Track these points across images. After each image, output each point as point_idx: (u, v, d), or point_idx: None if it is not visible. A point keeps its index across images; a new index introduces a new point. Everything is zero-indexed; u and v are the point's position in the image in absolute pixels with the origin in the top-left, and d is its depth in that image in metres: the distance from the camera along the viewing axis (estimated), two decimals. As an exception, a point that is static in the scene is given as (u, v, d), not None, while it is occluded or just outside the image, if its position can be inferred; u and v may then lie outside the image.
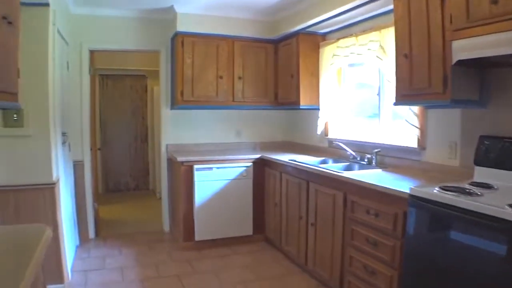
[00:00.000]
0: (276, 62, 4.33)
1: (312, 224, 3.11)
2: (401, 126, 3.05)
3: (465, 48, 2.00)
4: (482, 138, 2.28)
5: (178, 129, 4.43)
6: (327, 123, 4.01)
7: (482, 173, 2.24)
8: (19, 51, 1.72)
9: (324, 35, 3.96)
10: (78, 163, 4.02)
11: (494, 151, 2.18)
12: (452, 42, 2.07)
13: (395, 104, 2.58)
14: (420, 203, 2.00)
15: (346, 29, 3.61)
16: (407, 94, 2.45)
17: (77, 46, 3.99)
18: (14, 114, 2.66)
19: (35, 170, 2.72)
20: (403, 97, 2.49)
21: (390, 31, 2.82)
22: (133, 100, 6.72)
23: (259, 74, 4.30)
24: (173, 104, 4.24)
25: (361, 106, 3.75)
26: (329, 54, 3.74)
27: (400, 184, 2.31)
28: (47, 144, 2.77)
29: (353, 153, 3.44)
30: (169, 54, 4.35)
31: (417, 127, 2.82)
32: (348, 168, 3.32)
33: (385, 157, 3.15)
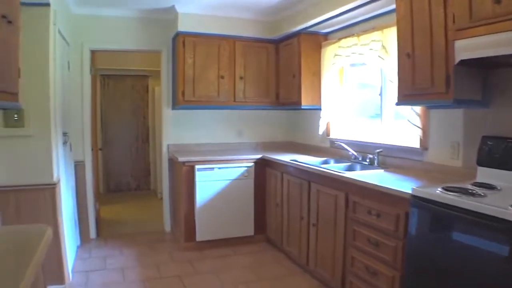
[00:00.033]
0: (277, 62, 4.32)
1: (313, 224, 3.10)
2: (403, 126, 3.04)
3: (468, 48, 1.99)
4: (485, 139, 2.27)
5: (179, 129, 4.42)
6: (328, 123, 4.00)
7: (485, 174, 2.23)
8: (19, 51, 1.71)
9: (326, 35, 3.95)
10: (79, 163, 4.02)
11: (497, 152, 2.17)
12: (454, 42, 2.06)
13: (397, 104, 2.57)
14: (422, 204, 1.99)
15: (348, 29, 3.60)
16: (409, 94, 2.44)
17: (78, 46, 3.98)
18: (15, 114, 2.66)
19: (36, 170, 2.72)
20: (406, 97, 2.48)
21: (392, 31, 2.81)
22: (134, 100, 6.72)
23: (261, 74, 4.29)
24: (174, 104, 4.24)
25: (363, 106, 3.74)
26: (330, 54, 3.73)
27: (402, 185, 2.30)
28: (48, 144, 2.76)
29: (355, 153, 3.43)
30: (170, 54, 4.35)
31: (419, 127, 2.81)
32: (349, 168, 3.31)
33: (387, 157, 3.14)
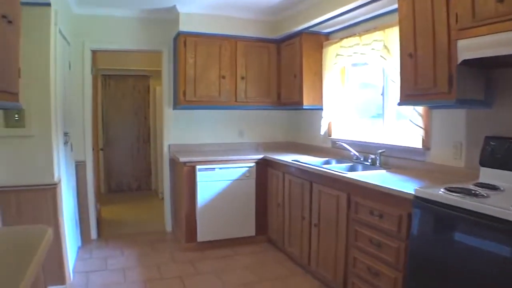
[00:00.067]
0: (279, 62, 4.31)
1: (315, 225, 3.09)
2: (405, 127, 3.02)
3: (471, 47, 1.98)
4: (488, 139, 2.26)
5: (180, 129, 4.41)
6: (330, 123, 3.99)
7: (488, 174, 2.22)
8: (20, 51, 1.70)
9: (328, 35, 3.94)
10: (80, 164, 4.01)
11: (499, 152, 2.16)
12: (457, 42, 2.05)
13: (399, 104, 2.56)
14: (425, 205, 1.98)
15: (349, 29, 3.59)
16: (411, 94, 2.43)
17: (79, 46, 3.98)
18: (16, 114, 2.66)
19: (36, 170, 2.72)
20: (408, 97, 2.47)
21: (394, 31, 2.80)
22: (135, 100, 6.72)
23: (262, 74, 4.28)
24: (176, 104, 4.23)
25: (364, 106, 3.72)
26: (332, 54, 3.72)
27: (405, 185, 2.29)
28: (48, 144, 2.76)
29: (357, 153, 3.41)
30: (171, 54, 4.34)
31: (421, 128, 2.80)
32: (351, 168, 3.30)
33: (389, 157, 3.13)
